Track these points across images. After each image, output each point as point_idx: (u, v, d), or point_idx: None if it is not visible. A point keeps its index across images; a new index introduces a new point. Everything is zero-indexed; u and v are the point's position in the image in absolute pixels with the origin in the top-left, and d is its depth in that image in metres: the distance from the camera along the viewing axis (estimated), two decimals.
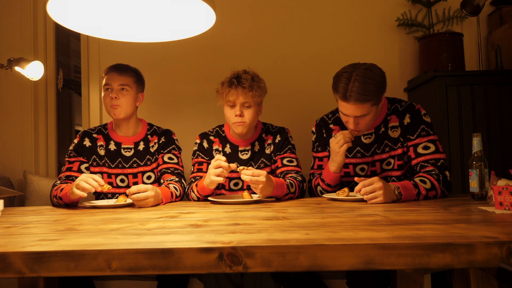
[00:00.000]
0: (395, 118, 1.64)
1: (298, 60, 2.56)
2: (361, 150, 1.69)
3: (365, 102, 1.45)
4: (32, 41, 2.64)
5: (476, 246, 0.72)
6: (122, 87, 1.75)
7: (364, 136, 1.68)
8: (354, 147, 1.69)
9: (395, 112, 1.66)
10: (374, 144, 1.67)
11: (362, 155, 1.69)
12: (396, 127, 1.63)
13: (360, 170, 1.71)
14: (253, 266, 0.72)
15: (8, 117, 2.64)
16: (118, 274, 0.72)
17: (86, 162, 1.80)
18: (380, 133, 1.65)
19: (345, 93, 1.46)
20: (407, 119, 1.62)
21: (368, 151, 1.68)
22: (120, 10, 1.48)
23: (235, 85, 1.67)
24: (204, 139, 1.84)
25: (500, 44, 2.30)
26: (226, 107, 1.72)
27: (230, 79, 1.70)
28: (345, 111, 1.51)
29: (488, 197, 1.27)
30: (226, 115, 1.73)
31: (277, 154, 1.80)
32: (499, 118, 2.10)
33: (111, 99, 1.74)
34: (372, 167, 1.69)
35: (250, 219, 1.08)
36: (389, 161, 1.66)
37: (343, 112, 1.53)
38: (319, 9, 2.56)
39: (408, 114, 1.62)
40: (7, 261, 0.73)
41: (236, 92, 1.67)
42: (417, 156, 1.57)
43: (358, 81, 1.44)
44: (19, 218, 1.26)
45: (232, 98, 1.68)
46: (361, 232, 0.83)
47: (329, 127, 1.76)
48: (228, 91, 1.68)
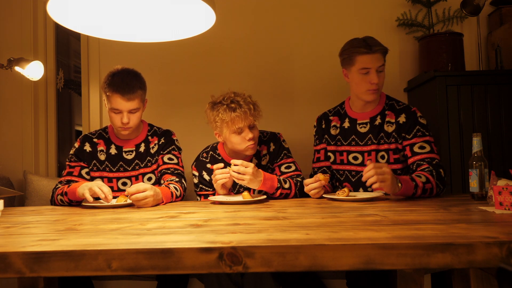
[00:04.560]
0: (392, 114, 1.71)
1: (298, 60, 2.56)
2: (356, 138, 1.75)
3: (381, 51, 1.65)
4: (32, 41, 2.64)
5: (476, 246, 0.72)
6: (131, 110, 1.70)
7: (359, 125, 1.76)
8: (350, 135, 1.77)
9: (392, 108, 1.73)
10: (369, 134, 1.73)
11: (356, 143, 1.75)
12: (392, 123, 1.70)
13: (353, 159, 1.76)
14: (253, 266, 0.72)
15: (8, 117, 2.64)
16: (118, 274, 0.72)
17: (86, 167, 1.80)
18: (375, 124, 1.72)
19: (368, 46, 1.64)
20: (402, 118, 1.68)
21: (362, 140, 1.74)
22: (120, 10, 1.48)
23: (239, 109, 1.61)
24: (203, 171, 1.79)
25: (500, 44, 2.30)
26: (232, 135, 1.65)
27: (227, 106, 1.62)
28: (369, 63, 1.64)
29: (488, 197, 1.27)
30: (235, 142, 1.66)
31: (274, 162, 1.79)
32: (499, 118, 2.10)
33: (121, 122, 1.69)
34: (368, 156, 1.73)
35: (250, 219, 1.08)
36: (382, 154, 1.71)
37: (367, 66, 1.64)
38: (319, 9, 2.56)
39: (404, 114, 1.69)
40: (7, 261, 0.73)
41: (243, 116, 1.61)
42: (413, 155, 1.63)
43: (368, 37, 1.68)
44: (19, 218, 1.26)
45: (239, 124, 1.62)
46: (361, 232, 0.83)
47: (328, 119, 1.85)
48: (234, 117, 1.60)
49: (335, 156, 1.80)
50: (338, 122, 1.82)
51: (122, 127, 1.71)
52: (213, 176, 1.60)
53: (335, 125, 1.82)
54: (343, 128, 1.80)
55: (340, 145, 1.79)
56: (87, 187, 1.52)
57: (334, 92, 2.48)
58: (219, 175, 1.58)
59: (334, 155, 1.80)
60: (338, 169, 1.80)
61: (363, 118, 1.76)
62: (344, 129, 1.79)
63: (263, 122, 1.77)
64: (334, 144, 1.80)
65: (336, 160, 1.80)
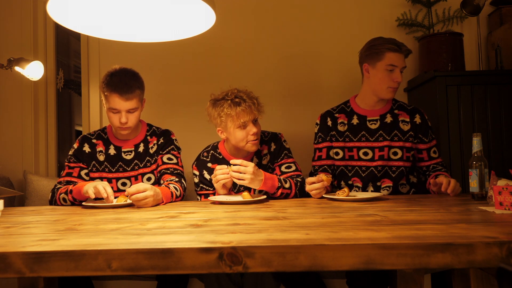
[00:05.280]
0: (405, 114, 1.81)
1: (297, 60, 2.56)
2: (366, 134, 1.81)
3: (409, 53, 1.75)
4: (32, 41, 2.64)
5: (476, 246, 0.72)
6: (130, 109, 1.70)
7: (370, 122, 1.81)
8: (360, 131, 1.82)
9: (402, 108, 1.82)
10: (379, 130, 1.79)
11: (367, 139, 1.80)
12: (407, 123, 1.80)
13: (363, 154, 1.81)
14: (253, 266, 0.72)
15: (8, 117, 2.64)
16: (118, 274, 0.72)
17: (85, 168, 1.80)
18: (386, 122, 1.80)
19: (398, 45, 1.72)
20: (418, 119, 1.80)
21: (373, 136, 1.80)
22: (120, 10, 1.48)
23: (244, 104, 1.63)
24: (204, 170, 1.79)
25: (500, 44, 2.30)
26: (237, 130, 1.66)
27: (232, 100, 1.64)
28: (396, 61, 1.71)
29: (488, 197, 1.27)
30: (239, 137, 1.66)
31: (274, 162, 1.79)
32: (499, 118, 2.10)
33: (120, 122, 1.69)
34: (380, 152, 1.78)
35: (250, 219, 1.08)
36: (395, 151, 1.77)
37: (394, 63, 1.71)
38: (318, 9, 2.56)
39: (418, 115, 1.81)
40: (7, 261, 0.73)
41: (249, 110, 1.63)
42: (430, 159, 1.81)
43: (395, 39, 1.75)
44: (19, 218, 1.26)
45: (245, 118, 1.63)
46: (361, 232, 0.83)
47: (334, 116, 1.88)
48: (239, 111, 1.62)
49: (344, 152, 1.82)
50: (346, 119, 1.85)
51: (120, 126, 1.71)
52: (213, 176, 1.60)
53: (342, 122, 1.84)
54: (352, 124, 1.83)
55: (349, 141, 1.82)
56: (92, 185, 1.53)
57: (336, 90, 2.48)
58: (220, 175, 1.58)
59: (342, 151, 1.82)
60: (347, 165, 1.82)
61: (373, 115, 1.82)
62: (353, 126, 1.82)
63: (263, 122, 1.77)
64: (342, 140, 1.83)
65: (345, 156, 1.82)
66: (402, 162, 1.77)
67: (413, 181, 1.84)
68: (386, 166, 1.77)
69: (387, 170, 1.77)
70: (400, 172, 1.77)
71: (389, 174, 1.77)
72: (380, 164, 1.76)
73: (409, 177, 1.84)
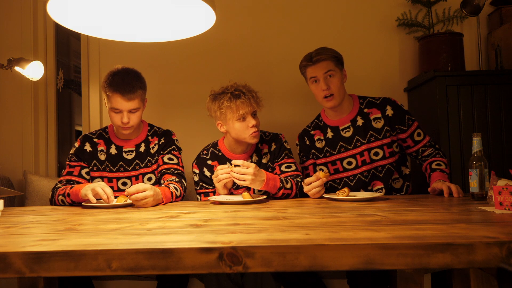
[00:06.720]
0: (375, 110, 1.79)
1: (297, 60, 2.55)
2: (343, 144, 1.80)
3: (326, 59, 1.71)
4: (32, 41, 2.64)
5: (476, 246, 0.72)
6: (132, 109, 1.70)
7: (343, 130, 1.80)
8: (337, 143, 1.81)
9: (371, 105, 1.80)
10: (354, 136, 1.78)
11: (346, 149, 1.80)
12: (379, 119, 1.78)
13: (347, 164, 1.80)
14: (253, 266, 0.72)
15: (8, 117, 2.64)
16: (118, 274, 0.72)
17: (86, 167, 1.80)
18: (358, 125, 1.79)
19: (310, 58, 1.74)
20: (389, 111, 1.77)
21: (350, 144, 1.79)
22: (120, 10, 1.48)
23: (243, 96, 1.67)
24: (204, 168, 1.81)
25: (500, 44, 2.29)
26: (236, 122, 1.69)
27: (231, 93, 1.68)
28: (314, 73, 1.73)
29: (488, 197, 1.27)
30: (238, 129, 1.69)
31: (274, 161, 1.80)
32: (499, 118, 2.10)
33: (121, 122, 1.70)
34: (361, 157, 1.77)
35: (250, 219, 1.08)
36: (376, 151, 1.76)
37: (313, 75, 1.74)
38: (318, 9, 2.56)
39: (388, 106, 1.78)
40: (7, 261, 0.73)
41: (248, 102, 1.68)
42: (416, 144, 1.79)
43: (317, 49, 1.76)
44: (19, 218, 1.26)
45: (244, 110, 1.67)
46: (361, 232, 0.83)
47: (310, 134, 1.88)
48: (239, 104, 1.66)
49: (328, 168, 1.83)
50: (321, 134, 1.85)
51: (122, 126, 1.71)
52: (215, 176, 1.60)
53: (319, 138, 1.85)
54: (328, 138, 1.83)
55: (330, 156, 1.82)
56: (89, 188, 1.52)
57: None
58: (221, 175, 1.58)
59: (326, 167, 1.83)
60: (335, 179, 1.83)
61: (344, 123, 1.81)
62: (329, 139, 1.83)
63: (263, 122, 1.77)
64: (323, 156, 1.83)
65: (330, 171, 1.83)
66: (385, 160, 1.76)
67: (406, 173, 1.83)
68: (372, 169, 1.77)
69: (373, 173, 1.77)
70: (388, 170, 1.76)
71: (377, 176, 1.77)
72: (365, 169, 1.76)
73: (401, 169, 1.82)
